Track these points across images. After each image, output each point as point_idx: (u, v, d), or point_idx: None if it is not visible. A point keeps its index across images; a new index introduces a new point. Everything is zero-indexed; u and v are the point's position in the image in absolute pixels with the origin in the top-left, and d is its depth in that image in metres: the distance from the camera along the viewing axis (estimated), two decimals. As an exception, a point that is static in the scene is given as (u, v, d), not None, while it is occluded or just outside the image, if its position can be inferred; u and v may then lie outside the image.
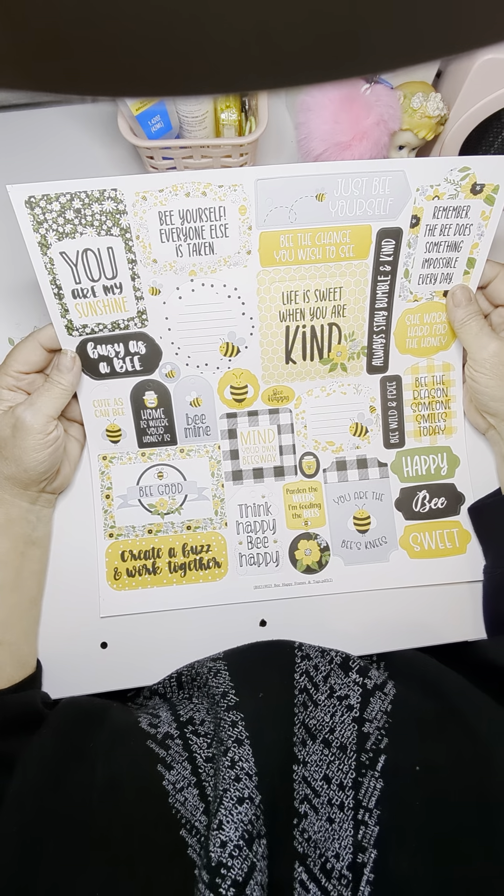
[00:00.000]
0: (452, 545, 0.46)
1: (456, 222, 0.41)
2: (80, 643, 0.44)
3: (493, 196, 0.40)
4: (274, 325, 0.43)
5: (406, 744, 0.33)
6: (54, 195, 0.37)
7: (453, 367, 0.46)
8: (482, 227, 0.41)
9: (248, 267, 0.41)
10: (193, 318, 0.43)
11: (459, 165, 0.39)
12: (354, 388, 0.46)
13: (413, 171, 0.39)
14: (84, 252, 0.39)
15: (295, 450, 0.46)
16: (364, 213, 0.40)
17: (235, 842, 0.29)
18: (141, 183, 0.38)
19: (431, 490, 0.47)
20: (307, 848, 0.30)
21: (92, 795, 0.31)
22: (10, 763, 0.34)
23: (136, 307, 0.42)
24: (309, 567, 0.46)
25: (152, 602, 0.45)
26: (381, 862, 0.28)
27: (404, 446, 0.47)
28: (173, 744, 0.34)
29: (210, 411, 0.45)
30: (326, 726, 0.35)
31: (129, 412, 0.45)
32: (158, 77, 0.12)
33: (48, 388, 0.40)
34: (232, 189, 0.39)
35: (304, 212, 0.40)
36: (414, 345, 0.45)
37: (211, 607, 0.45)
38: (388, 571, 0.46)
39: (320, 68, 0.12)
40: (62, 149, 0.51)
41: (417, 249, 0.42)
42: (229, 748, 0.33)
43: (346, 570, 0.46)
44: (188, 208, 0.39)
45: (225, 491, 0.46)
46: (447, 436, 0.47)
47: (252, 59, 0.11)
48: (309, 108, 0.44)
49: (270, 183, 0.39)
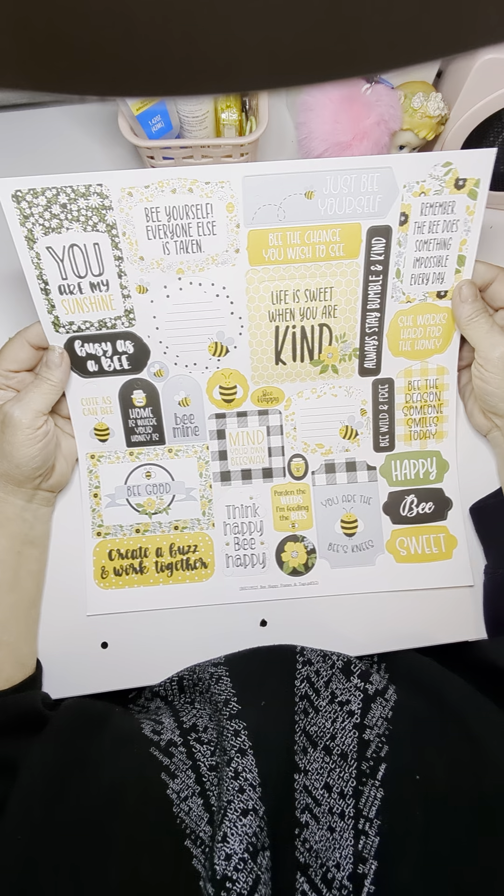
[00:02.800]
0: (439, 550, 0.45)
1: (443, 218, 0.40)
2: (80, 643, 0.44)
3: (475, 191, 0.40)
4: (263, 325, 0.43)
5: (406, 752, 0.33)
6: (40, 189, 0.37)
7: (447, 371, 0.45)
8: (468, 223, 0.41)
9: (236, 265, 0.41)
10: (181, 318, 0.42)
11: (442, 161, 0.39)
12: (346, 391, 0.45)
13: (400, 167, 0.39)
14: (70, 247, 0.39)
15: (284, 451, 0.46)
16: (353, 210, 0.39)
17: (240, 855, 0.28)
18: (126, 179, 0.38)
19: (419, 494, 0.46)
20: (309, 858, 0.30)
21: (95, 803, 0.31)
22: (11, 766, 0.33)
23: (124, 305, 0.41)
24: (295, 569, 0.46)
25: (139, 601, 0.45)
26: (381, 873, 0.28)
27: (394, 450, 0.46)
28: (177, 751, 0.34)
29: (199, 411, 0.45)
30: (327, 733, 0.34)
31: (118, 411, 0.45)
32: (158, 77, 0.12)
33: (37, 385, 0.40)
34: (219, 186, 0.38)
35: (292, 210, 0.39)
36: (407, 347, 0.45)
37: (211, 607, 0.45)
38: (375, 575, 0.45)
39: (320, 68, 0.12)
40: (62, 149, 0.51)
41: (408, 248, 0.41)
42: (233, 758, 0.33)
43: (332, 573, 0.45)
44: (175, 205, 0.38)
45: (213, 492, 0.46)
46: (437, 440, 0.46)
47: (252, 59, 0.11)
48: (309, 107, 0.44)
49: (258, 180, 0.38)
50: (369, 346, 0.44)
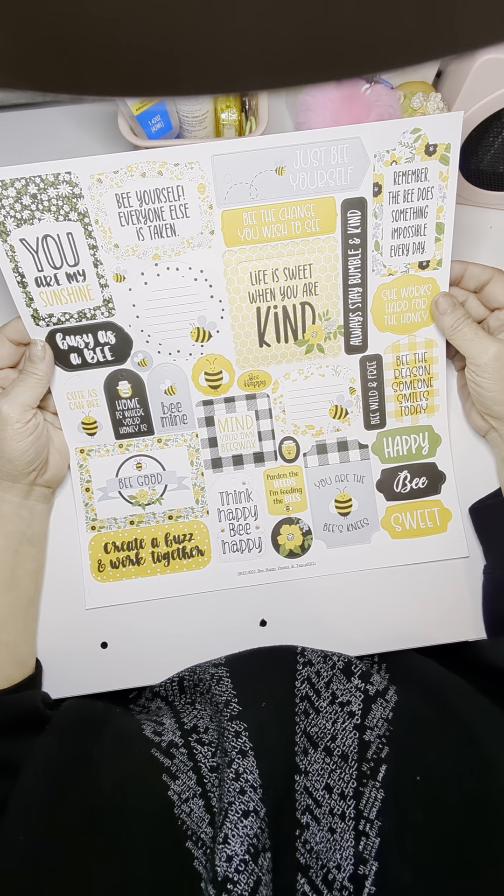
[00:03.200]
0: (434, 524, 0.45)
1: (417, 186, 0.40)
2: (79, 643, 0.44)
3: (446, 156, 0.39)
4: (244, 307, 0.42)
5: (407, 753, 0.33)
6: (9, 181, 0.37)
7: (436, 344, 0.45)
8: (443, 189, 0.40)
9: (212, 248, 0.40)
10: (161, 304, 0.42)
11: (411, 127, 0.38)
12: (333, 370, 0.45)
13: (368, 136, 0.38)
14: (44, 238, 0.39)
15: (274, 435, 0.45)
16: (326, 184, 0.39)
17: (241, 856, 0.29)
18: (95, 165, 0.37)
19: (412, 470, 0.46)
20: (309, 859, 0.30)
21: (97, 804, 0.31)
22: (11, 766, 0.33)
23: (102, 295, 0.41)
24: (292, 551, 0.45)
25: (137, 592, 0.45)
26: (382, 874, 0.28)
27: (385, 427, 0.46)
28: (178, 753, 0.34)
29: (185, 399, 0.45)
30: (328, 734, 0.34)
31: (104, 403, 0.44)
32: (158, 77, 0.12)
33: (22, 379, 0.40)
34: (188, 167, 0.37)
35: (264, 187, 0.38)
36: (393, 321, 0.44)
37: (211, 607, 0.45)
38: (371, 553, 0.45)
39: (320, 68, 0.12)
40: (62, 149, 0.50)
41: (384, 219, 0.40)
42: (233, 759, 0.33)
43: (328, 553, 0.45)
44: (145, 189, 0.38)
45: (205, 479, 0.46)
46: (429, 414, 0.46)
47: (252, 59, 0.11)
48: (309, 107, 0.43)
49: (227, 158, 0.37)
50: (354, 323, 0.44)
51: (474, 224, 0.50)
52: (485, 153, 0.46)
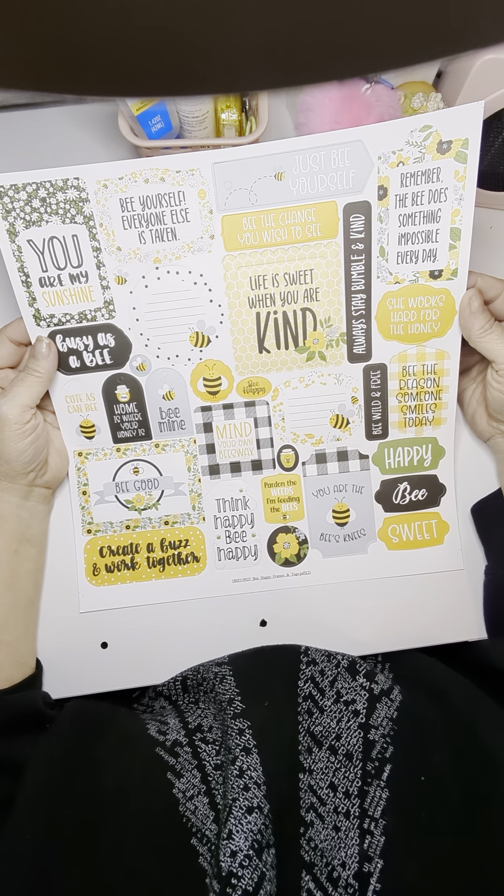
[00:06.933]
0: (430, 536, 0.44)
1: (428, 188, 0.38)
2: (79, 643, 0.44)
3: (463, 152, 0.37)
4: (244, 312, 0.42)
5: (411, 753, 0.33)
6: (21, 185, 0.38)
7: (448, 356, 0.43)
8: (459, 191, 0.38)
9: (212, 252, 0.40)
10: (161, 308, 0.41)
11: (420, 125, 0.36)
12: (335, 379, 0.44)
13: (371, 138, 0.37)
14: (50, 240, 0.39)
15: (273, 443, 0.45)
16: (327, 188, 0.38)
17: (245, 851, 0.29)
18: (101, 171, 0.38)
19: (413, 481, 0.44)
20: (314, 856, 0.30)
21: (102, 803, 0.31)
22: (14, 765, 0.34)
23: (103, 297, 0.41)
24: (287, 560, 0.44)
25: (132, 597, 0.45)
26: (387, 872, 0.29)
27: (387, 438, 0.45)
28: (182, 751, 0.34)
29: (184, 405, 0.44)
30: (332, 733, 0.34)
31: (102, 407, 0.44)
32: (158, 77, 0.12)
33: (23, 378, 0.40)
34: (189, 174, 0.37)
35: (264, 193, 0.38)
36: (400, 331, 0.43)
37: (210, 607, 0.44)
38: (366, 563, 0.44)
39: (320, 68, 0.12)
40: (62, 149, 0.51)
41: (390, 224, 0.39)
42: (237, 757, 0.33)
43: (324, 563, 0.44)
44: (148, 194, 0.38)
45: (202, 486, 0.45)
46: (434, 427, 0.44)
47: (252, 59, 0.11)
48: (309, 108, 0.43)
49: (228, 166, 0.37)
50: (357, 331, 0.43)
51: (474, 224, 0.49)
52: (485, 153, 0.45)
